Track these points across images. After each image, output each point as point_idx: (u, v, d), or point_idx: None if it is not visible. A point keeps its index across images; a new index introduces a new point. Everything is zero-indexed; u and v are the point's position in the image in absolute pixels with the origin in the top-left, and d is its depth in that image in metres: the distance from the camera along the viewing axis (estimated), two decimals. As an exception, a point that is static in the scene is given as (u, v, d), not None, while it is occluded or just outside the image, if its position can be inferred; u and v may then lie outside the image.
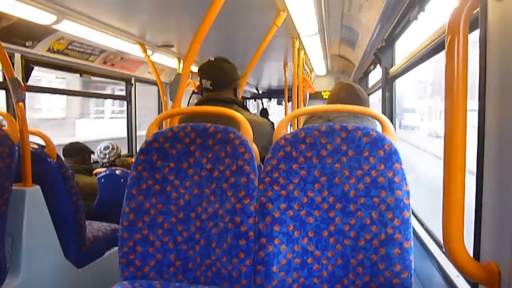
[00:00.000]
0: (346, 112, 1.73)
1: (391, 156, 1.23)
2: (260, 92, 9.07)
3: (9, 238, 1.92)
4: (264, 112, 8.66)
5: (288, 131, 1.37)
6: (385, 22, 2.53)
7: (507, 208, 0.88)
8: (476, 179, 1.05)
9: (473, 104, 1.02)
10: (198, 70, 1.96)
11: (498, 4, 0.92)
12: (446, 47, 0.90)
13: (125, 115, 4.89)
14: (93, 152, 3.53)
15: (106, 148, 3.69)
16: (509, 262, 0.86)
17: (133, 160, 1.45)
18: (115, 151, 3.68)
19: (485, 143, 1.00)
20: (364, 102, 1.86)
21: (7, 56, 2.01)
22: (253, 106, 10.57)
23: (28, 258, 1.95)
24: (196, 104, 2.00)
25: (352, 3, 2.76)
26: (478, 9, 1.03)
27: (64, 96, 12.35)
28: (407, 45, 2.70)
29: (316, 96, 7.35)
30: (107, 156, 3.67)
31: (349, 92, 1.89)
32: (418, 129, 12.60)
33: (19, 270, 1.91)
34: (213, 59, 1.97)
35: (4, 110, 2.89)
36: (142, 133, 2.04)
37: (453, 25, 0.88)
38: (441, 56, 1.81)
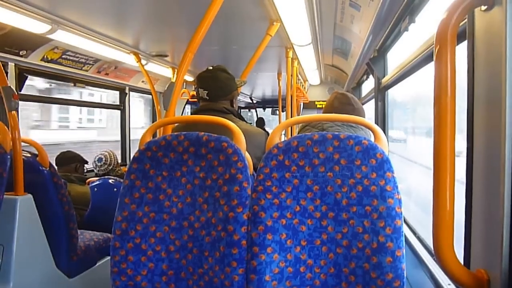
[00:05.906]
0: (339, 121, 1.74)
1: (383, 165, 1.24)
2: (255, 101, 9.08)
3: None
4: (260, 122, 8.64)
5: (282, 140, 1.37)
6: (376, 33, 2.56)
7: (496, 216, 0.89)
8: (465, 188, 1.07)
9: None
10: (196, 79, 1.96)
11: (485, 15, 0.94)
12: (434, 57, 0.91)
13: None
14: (86, 162, 3.53)
15: (99, 160, 3.70)
16: (499, 269, 0.87)
17: (126, 169, 1.44)
18: (106, 166, 3.69)
19: (474, 152, 1.02)
20: (358, 112, 1.85)
21: (1, 64, 2.01)
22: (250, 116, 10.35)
23: (18, 267, 1.93)
24: (192, 114, 2.01)
25: (344, 13, 2.80)
26: (465, 20, 1.05)
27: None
28: (399, 55, 2.73)
29: (309, 105, 7.37)
30: (97, 168, 3.69)
31: (342, 102, 1.89)
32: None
33: (9, 279, 1.89)
34: (211, 68, 1.95)
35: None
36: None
37: (441, 35, 0.89)
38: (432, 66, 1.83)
